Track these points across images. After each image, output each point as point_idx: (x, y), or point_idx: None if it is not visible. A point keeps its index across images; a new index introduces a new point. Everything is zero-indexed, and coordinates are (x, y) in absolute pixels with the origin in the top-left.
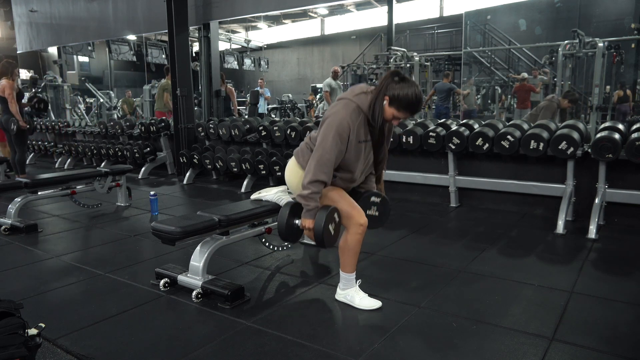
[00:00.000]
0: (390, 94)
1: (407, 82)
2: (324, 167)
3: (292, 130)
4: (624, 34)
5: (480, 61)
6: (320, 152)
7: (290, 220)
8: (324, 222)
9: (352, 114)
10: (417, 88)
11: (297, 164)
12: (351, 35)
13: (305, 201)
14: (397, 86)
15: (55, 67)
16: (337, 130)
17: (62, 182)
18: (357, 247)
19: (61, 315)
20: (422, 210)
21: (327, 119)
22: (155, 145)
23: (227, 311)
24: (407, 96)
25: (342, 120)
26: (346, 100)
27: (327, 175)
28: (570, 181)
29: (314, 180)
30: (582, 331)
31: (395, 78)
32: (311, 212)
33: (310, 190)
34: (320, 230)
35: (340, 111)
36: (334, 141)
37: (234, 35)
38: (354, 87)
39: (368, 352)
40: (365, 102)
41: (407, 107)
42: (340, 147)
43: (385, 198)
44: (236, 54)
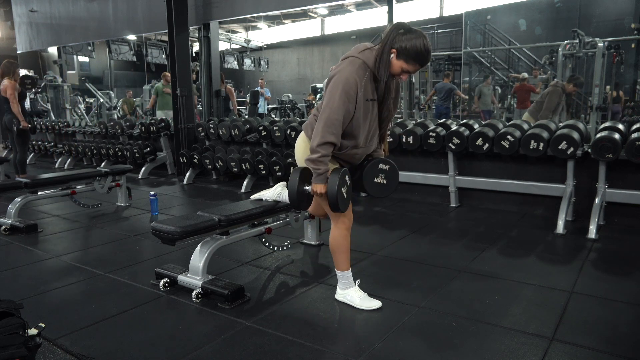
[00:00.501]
0: (398, 46)
1: (414, 33)
2: (332, 127)
3: (292, 130)
4: (624, 34)
5: (480, 61)
6: (327, 113)
7: (300, 186)
8: (337, 185)
9: (358, 70)
10: (426, 39)
11: (307, 137)
12: (351, 35)
13: (315, 165)
14: (404, 37)
15: (55, 67)
16: (343, 88)
17: (62, 182)
18: (345, 243)
19: (61, 315)
20: (422, 210)
21: (332, 78)
22: (155, 145)
23: (227, 311)
24: (415, 47)
25: (348, 77)
26: (351, 58)
27: (335, 136)
28: (570, 181)
29: (323, 143)
30: (582, 331)
31: (401, 30)
32: (322, 177)
33: (320, 153)
34: (334, 194)
35: (346, 68)
36: (341, 100)
37: (234, 35)
38: (359, 45)
39: (368, 352)
40: (371, 58)
41: (417, 58)
42: (347, 106)
43: (393, 165)
44: (236, 54)
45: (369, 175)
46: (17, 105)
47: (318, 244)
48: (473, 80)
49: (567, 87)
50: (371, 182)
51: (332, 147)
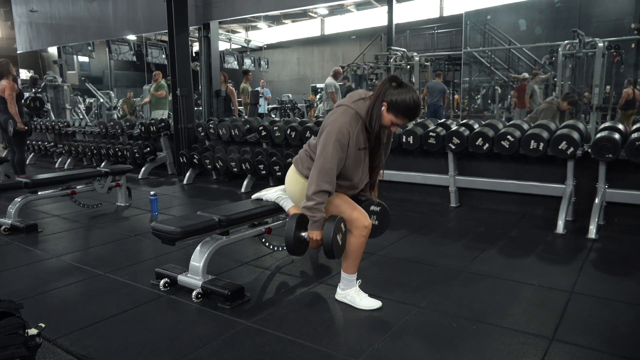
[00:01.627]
0: (388, 99)
1: (405, 87)
2: (326, 176)
3: (292, 130)
4: (624, 34)
5: (480, 61)
6: (321, 162)
7: (297, 233)
8: (332, 233)
9: (351, 120)
10: (415, 93)
11: (297, 171)
12: (351, 35)
13: (311, 213)
14: (395, 91)
15: (55, 67)
16: (336, 138)
17: (62, 182)
18: (360, 249)
19: (61, 315)
20: (422, 210)
21: (326, 127)
22: (155, 145)
23: (227, 311)
24: (404, 101)
25: (341, 128)
26: (345, 107)
27: (330, 184)
28: (570, 181)
29: (318, 191)
30: (582, 331)
31: (393, 83)
32: (318, 224)
33: (315, 201)
34: (330, 242)
35: (339, 118)
36: (334, 149)
37: (234, 35)
38: (353, 93)
39: (368, 352)
40: (363, 109)
41: (405, 113)
42: (340, 155)
43: (385, 207)
44: (236, 54)
45: None
46: (14, 106)
47: None
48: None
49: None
50: None
51: (328, 195)
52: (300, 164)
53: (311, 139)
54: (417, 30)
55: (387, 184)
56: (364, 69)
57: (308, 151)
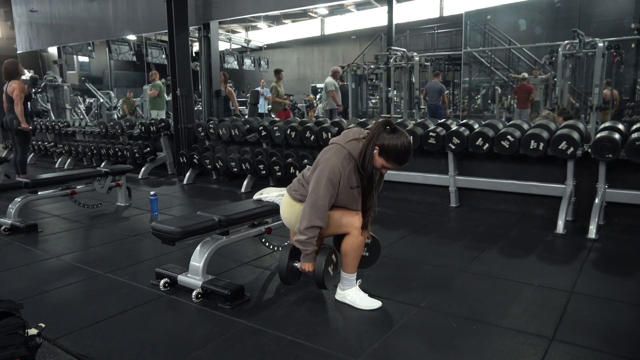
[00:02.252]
0: (380, 143)
1: (397, 133)
2: (318, 212)
3: (292, 130)
4: (624, 34)
5: (480, 61)
6: (314, 198)
7: (290, 263)
8: (323, 265)
9: (343, 161)
10: (407, 139)
11: (291, 197)
12: (351, 35)
13: (303, 246)
14: (388, 136)
15: (55, 67)
16: (328, 177)
17: (62, 182)
18: (359, 250)
19: (61, 315)
20: (422, 210)
21: (319, 165)
22: (155, 145)
23: (227, 311)
24: (396, 147)
25: (333, 167)
26: (338, 146)
27: (322, 220)
28: (570, 181)
29: (310, 226)
30: (582, 331)
31: (387, 127)
32: (310, 256)
33: (307, 235)
34: (321, 274)
35: (332, 158)
36: (326, 187)
37: (234, 35)
38: (347, 132)
39: (368, 352)
40: (356, 149)
41: (396, 159)
42: (332, 192)
43: (376, 240)
44: (236, 54)
45: None
46: (21, 107)
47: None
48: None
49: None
50: None
51: (319, 230)
52: (292, 191)
53: (305, 169)
54: (417, 30)
55: (387, 184)
56: (364, 69)
57: (301, 180)
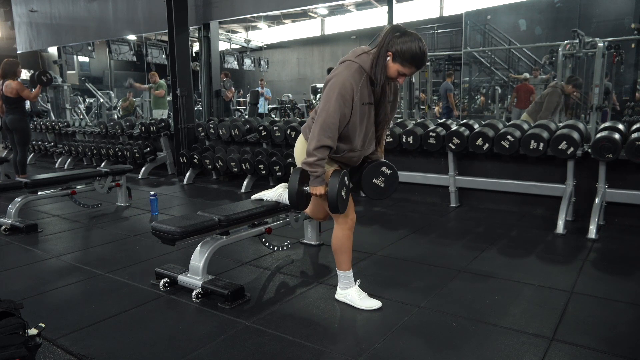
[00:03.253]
0: (393, 49)
1: (409, 35)
2: (327, 131)
3: (292, 130)
4: (624, 34)
5: (480, 61)
6: (323, 116)
7: (300, 187)
8: (337, 188)
9: (354, 74)
10: (421, 41)
11: (305, 139)
12: (351, 35)
13: (312, 168)
14: (400, 40)
15: (55, 67)
16: (339, 92)
17: (62, 182)
18: (348, 243)
19: (61, 315)
20: (422, 210)
21: (329, 82)
22: (155, 145)
23: (227, 311)
24: (411, 49)
25: (344, 81)
26: (348, 62)
27: (332, 139)
28: (570, 181)
29: (319, 146)
30: (582, 331)
31: (397, 33)
32: (319, 179)
33: (316, 156)
34: (335, 197)
35: (343, 72)
36: (337, 103)
37: (234, 35)
38: (356, 49)
39: (368, 352)
40: (367, 62)
41: (413, 61)
42: (343, 110)
43: (395, 171)
44: (236, 54)
45: (369, 175)
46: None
47: (318, 244)
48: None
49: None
50: (369, 181)
51: (329, 150)
52: (308, 131)
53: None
54: (417, 30)
55: None
56: None
57: (314, 117)
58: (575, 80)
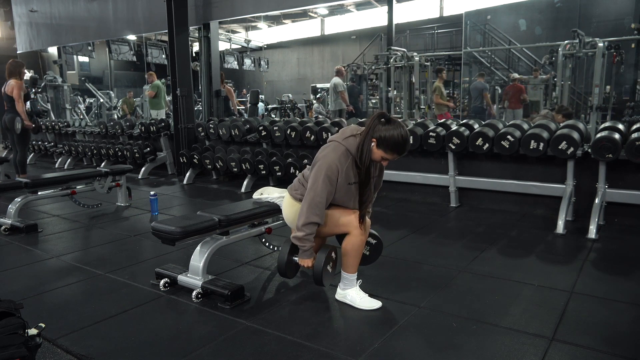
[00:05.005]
0: (377, 135)
1: (393, 124)
2: (315, 209)
3: (292, 130)
4: (624, 34)
5: (480, 61)
6: (312, 195)
7: (289, 257)
8: (322, 264)
9: (340, 157)
10: (404, 129)
11: (292, 197)
12: (351, 35)
13: (301, 243)
14: (384, 128)
15: (55, 67)
16: (326, 174)
17: (62, 182)
18: (360, 249)
19: (61, 315)
20: (422, 210)
21: (317, 162)
22: (155, 145)
23: (227, 311)
24: (393, 137)
25: (331, 164)
26: (335, 143)
27: (319, 216)
28: (570, 181)
29: (308, 223)
30: (582, 331)
31: (382, 120)
32: (308, 253)
33: (305, 232)
34: (319, 272)
35: (329, 154)
36: (324, 184)
37: (234, 35)
38: (345, 129)
39: (368, 352)
40: (354, 145)
41: (394, 148)
42: (329, 189)
43: (380, 242)
44: (236, 54)
45: None
46: (22, 105)
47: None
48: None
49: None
50: None
51: (316, 226)
52: (293, 190)
53: (305, 169)
54: (417, 30)
55: (387, 184)
56: (364, 69)
57: (301, 180)
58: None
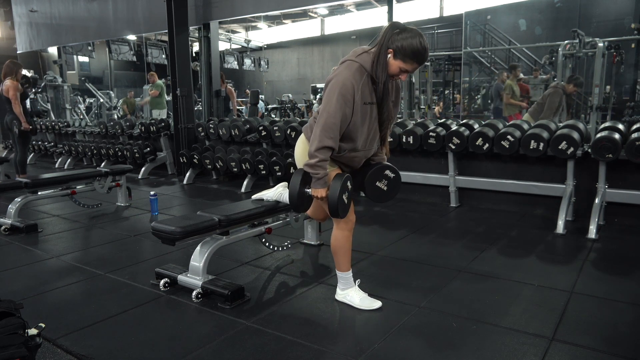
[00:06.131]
0: (394, 45)
1: (410, 32)
2: (329, 131)
3: (292, 130)
4: (624, 34)
5: (480, 61)
6: (325, 117)
7: (301, 188)
8: (338, 192)
9: (355, 73)
10: (422, 37)
11: (306, 139)
12: (351, 35)
13: (314, 170)
14: (400, 37)
15: (55, 67)
16: (340, 92)
17: (62, 182)
18: (347, 244)
19: (61, 315)
20: (422, 210)
21: (330, 82)
22: (155, 145)
23: (227, 311)
24: (412, 45)
25: (345, 81)
26: (348, 61)
27: (333, 140)
28: (570, 181)
29: (321, 147)
30: (582, 331)
31: (396, 30)
32: (321, 181)
33: (318, 157)
34: (335, 201)
35: (343, 72)
36: (338, 103)
37: (234, 35)
38: (356, 49)
39: (368, 352)
40: (368, 61)
41: (414, 56)
42: (344, 110)
43: (399, 175)
44: (236, 54)
45: (372, 178)
46: (19, 106)
47: (318, 244)
48: (473, 81)
49: (567, 87)
50: (372, 184)
51: (330, 152)
52: (309, 131)
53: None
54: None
55: None
56: None
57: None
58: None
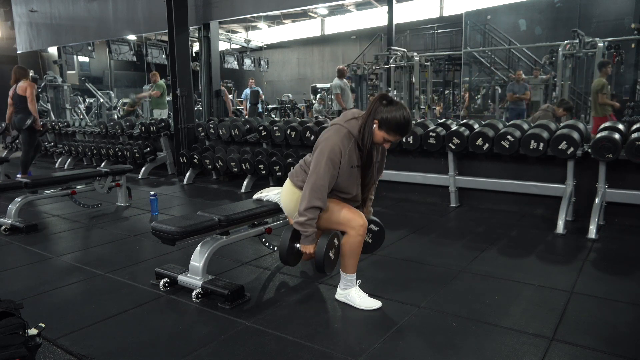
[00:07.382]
0: (379, 117)
1: (395, 105)
2: (317, 192)
3: (292, 130)
4: (624, 34)
5: (480, 61)
6: (314, 178)
7: (291, 244)
8: (324, 249)
9: (343, 139)
10: (406, 110)
11: (292, 183)
12: (351, 35)
13: (303, 228)
14: (385, 109)
15: (55, 67)
16: (328, 156)
17: (62, 182)
18: (358, 249)
19: (61, 315)
20: (422, 210)
21: (319, 145)
22: (155, 145)
23: (227, 311)
24: (395, 118)
25: (333, 146)
26: (338, 126)
27: (321, 200)
28: (570, 181)
29: (310, 207)
30: (582, 331)
31: (384, 101)
32: (310, 238)
33: (307, 217)
34: (322, 258)
35: (332, 137)
36: (326, 167)
37: (234, 35)
38: (346, 112)
39: (368, 352)
40: (355, 127)
41: (397, 130)
42: (332, 172)
43: (382, 229)
44: (236, 54)
45: None
46: (34, 105)
47: None
48: (473, 81)
49: (557, 111)
50: None
51: (319, 211)
52: (295, 177)
53: (307, 155)
54: (417, 30)
55: (387, 184)
56: (364, 69)
57: (303, 166)
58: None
